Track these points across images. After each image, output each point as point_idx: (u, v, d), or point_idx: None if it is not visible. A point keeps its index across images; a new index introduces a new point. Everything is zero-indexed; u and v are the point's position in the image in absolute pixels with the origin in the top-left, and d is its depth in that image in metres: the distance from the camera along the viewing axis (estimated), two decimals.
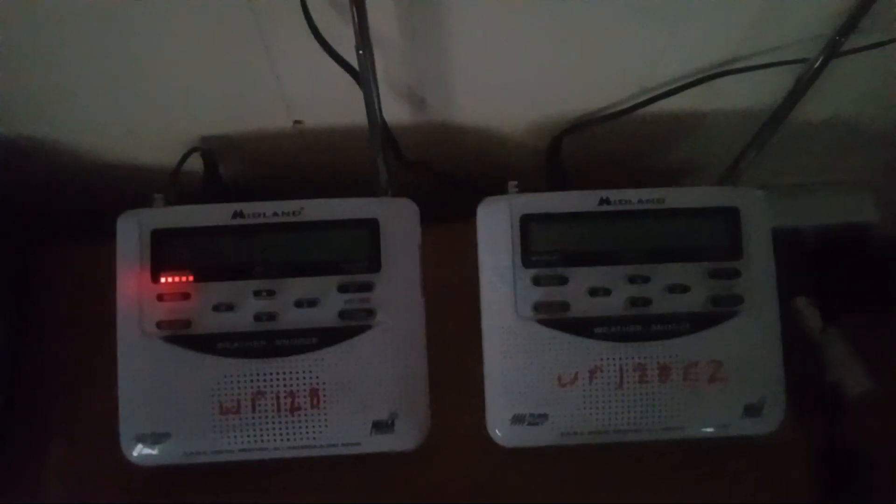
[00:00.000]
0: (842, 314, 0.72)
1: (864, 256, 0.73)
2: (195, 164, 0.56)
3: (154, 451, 0.50)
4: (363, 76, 0.43)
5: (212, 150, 0.56)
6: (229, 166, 0.58)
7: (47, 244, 0.59)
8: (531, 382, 0.51)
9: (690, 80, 0.52)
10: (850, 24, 0.44)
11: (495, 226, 0.52)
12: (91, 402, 0.54)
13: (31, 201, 0.59)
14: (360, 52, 0.41)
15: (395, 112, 0.54)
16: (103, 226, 0.51)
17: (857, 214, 0.70)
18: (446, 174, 0.60)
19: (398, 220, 0.52)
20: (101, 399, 0.51)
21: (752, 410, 0.51)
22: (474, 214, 0.53)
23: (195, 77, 0.50)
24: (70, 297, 0.57)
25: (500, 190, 0.53)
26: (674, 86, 0.52)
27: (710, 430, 0.52)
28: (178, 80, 0.50)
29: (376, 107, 0.45)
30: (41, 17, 0.43)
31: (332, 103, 0.52)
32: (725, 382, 0.51)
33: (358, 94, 0.46)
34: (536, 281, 0.51)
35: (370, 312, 0.51)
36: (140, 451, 0.51)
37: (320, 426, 0.50)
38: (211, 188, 0.56)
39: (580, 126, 0.56)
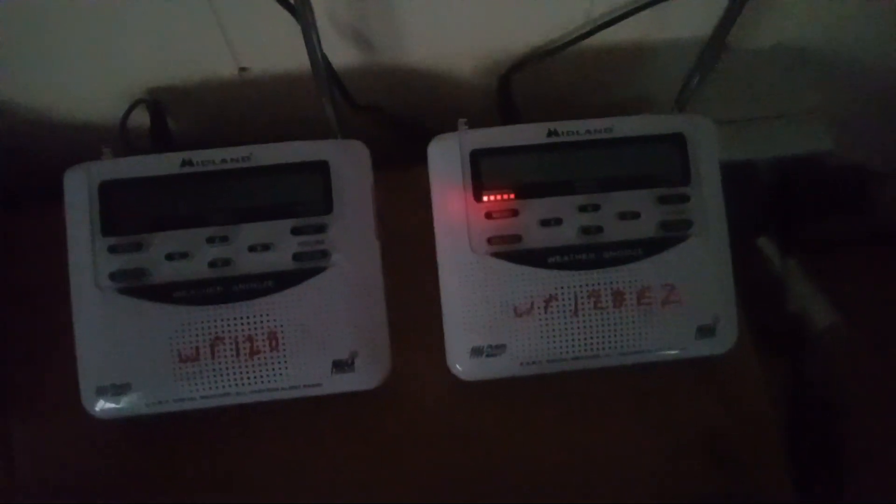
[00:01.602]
0: (802, 248, 0.73)
1: (819, 186, 0.74)
2: (142, 118, 0.56)
3: (116, 405, 0.50)
4: (299, 9, 0.43)
5: (158, 101, 0.55)
6: (177, 118, 0.57)
7: None
8: (488, 315, 0.51)
9: (633, 7, 0.52)
10: None
11: (446, 163, 0.53)
12: (53, 362, 0.54)
13: None
14: None
15: (343, 56, 0.54)
16: (51, 185, 0.51)
17: (811, 144, 0.71)
18: (397, 117, 0.60)
19: (349, 161, 0.52)
20: (64, 358, 0.51)
21: (705, 331, 0.52)
22: (426, 159, 0.54)
23: (137, 27, 0.50)
24: (24, 260, 0.57)
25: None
26: (617, 13, 0.52)
27: (665, 352, 0.53)
28: (120, 31, 0.50)
29: (315, 42, 0.45)
30: None
31: (277, 47, 0.52)
32: (678, 305, 0.52)
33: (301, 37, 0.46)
34: (489, 215, 0.52)
35: (324, 254, 0.51)
36: (102, 406, 0.50)
37: (280, 369, 0.50)
38: (159, 141, 0.55)
39: (527, 61, 0.56)
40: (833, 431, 0.68)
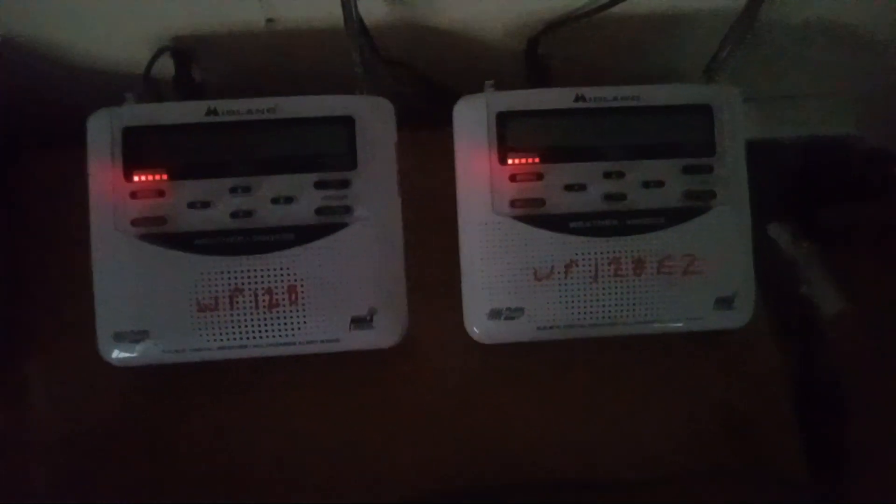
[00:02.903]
0: (820, 232, 0.73)
1: (843, 170, 0.73)
2: (166, 68, 0.55)
3: (132, 353, 0.50)
4: None
5: (183, 49, 0.55)
6: (202, 68, 0.57)
7: (15, 149, 0.58)
8: (507, 277, 0.51)
9: None
10: None
11: (472, 123, 0.52)
12: (71, 308, 0.53)
13: None
14: None
15: (372, 10, 0.53)
16: (71, 129, 0.51)
17: (837, 125, 0.70)
18: (423, 75, 0.59)
19: (374, 117, 0.52)
20: (82, 304, 0.50)
21: (723, 303, 0.52)
22: (450, 119, 0.53)
23: None
24: (42, 202, 0.56)
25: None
26: None
27: (682, 323, 0.53)
28: None
29: None
30: None
31: None
32: (698, 276, 0.52)
33: None
34: (513, 177, 0.52)
35: (347, 209, 0.51)
36: (118, 353, 0.51)
37: (299, 322, 0.50)
38: (183, 90, 0.55)
39: (558, 25, 0.55)
40: (836, 420, 0.68)
